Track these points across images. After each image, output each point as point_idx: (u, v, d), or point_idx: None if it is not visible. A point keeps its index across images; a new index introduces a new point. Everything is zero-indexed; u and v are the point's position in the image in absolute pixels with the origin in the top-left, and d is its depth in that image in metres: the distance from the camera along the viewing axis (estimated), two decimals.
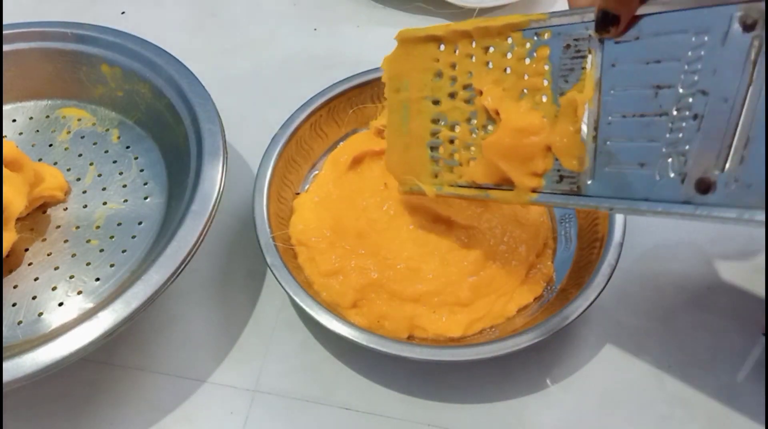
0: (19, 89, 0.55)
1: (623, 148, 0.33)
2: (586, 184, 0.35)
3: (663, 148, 0.32)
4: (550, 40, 0.36)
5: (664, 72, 0.32)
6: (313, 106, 0.51)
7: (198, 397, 0.44)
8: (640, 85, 0.33)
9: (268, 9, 0.69)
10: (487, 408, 0.43)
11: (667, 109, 0.32)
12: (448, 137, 0.41)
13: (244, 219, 0.51)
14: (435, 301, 0.44)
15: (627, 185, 0.33)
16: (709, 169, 0.30)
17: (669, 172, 0.32)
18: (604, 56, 0.34)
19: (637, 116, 0.33)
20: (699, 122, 0.31)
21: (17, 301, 0.45)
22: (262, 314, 0.47)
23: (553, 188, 0.36)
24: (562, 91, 0.35)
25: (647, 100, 0.32)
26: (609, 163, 0.34)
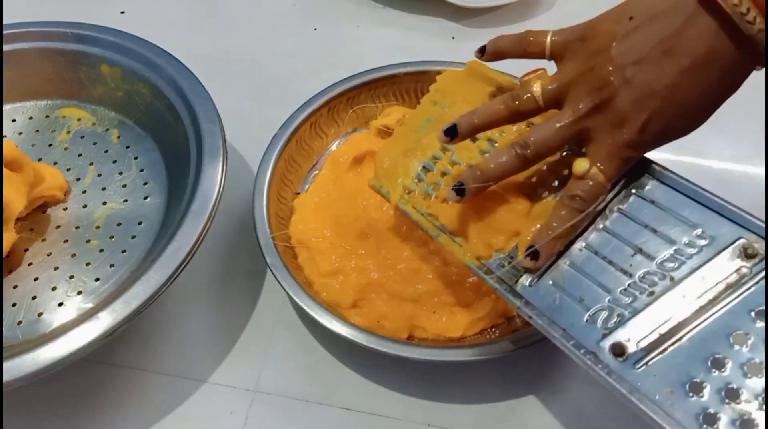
0: (19, 89, 0.54)
1: (575, 277, 0.35)
2: (523, 284, 0.36)
3: (607, 300, 0.33)
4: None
5: (652, 242, 0.34)
6: (313, 106, 0.51)
7: (198, 397, 0.44)
8: (627, 239, 0.34)
9: (268, 9, 0.68)
10: (487, 408, 0.43)
11: (633, 273, 0.33)
12: (443, 169, 0.41)
13: (244, 219, 0.51)
14: (435, 301, 0.44)
15: (556, 308, 0.34)
16: (631, 341, 0.32)
17: (599, 322, 0.33)
18: (617, 196, 0.35)
19: (606, 260, 0.35)
20: (651, 300, 0.32)
21: (17, 301, 0.45)
22: (262, 314, 0.47)
23: (495, 268, 0.37)
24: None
25: (624, 254, 0.34)
26: (554, 279, 0.35)
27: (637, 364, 0.31)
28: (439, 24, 0.66)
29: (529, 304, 0.35)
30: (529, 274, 0.36)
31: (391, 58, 0.54)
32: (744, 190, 0.53)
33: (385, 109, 0.54)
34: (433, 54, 0.54)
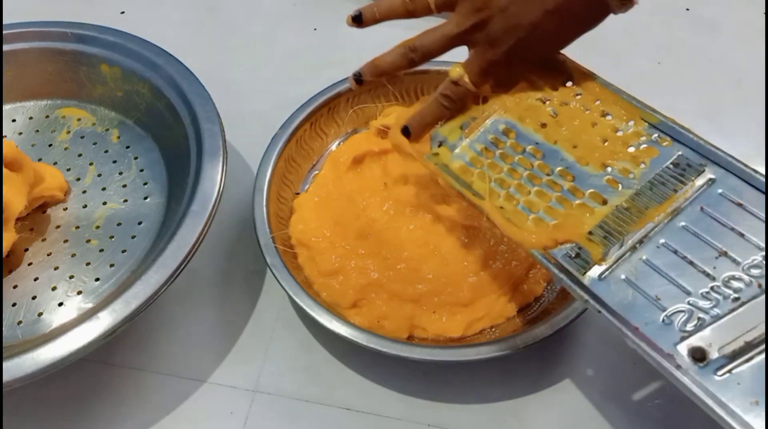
0: (19, 89, 0.54)
1: (651, 274, 0.33)
2: (591, 277, 0.34)
3: (687, 301, 0.32)
4: (665, 148, 0.36)
5: (738, 246, 0.32)
6: (313, 106, 0.51)
7: (198, 397, 0.44)
8: (710, 241, 0.33)
9: (268, 9, 0.68)
10: (487, 408, 0.43)
11: (717, 276, 0.32)
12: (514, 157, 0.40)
13: (244, 219, 0.51)
14: (435, 301, 0.44)
15: (629, 305, 0.32)
16: (713, 346, 0.30)
17: (676, 324, 0.31)
18: (700, 194, 0.34)
19: (686, 260, 0.33)
20: (736, 306, 0.31)
21: (17, 301, 0.45)
22: (262, 314, 0.47)
23: (563, 258, 0.35)
24: (640, 192, 0.35)
25: (706, 255, 0.33)
26: (628, 275, 0.33)
27: (718, 371, 0.29)
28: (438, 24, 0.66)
29: (598, 298, 0.33)
30: (598, 266, 0.34)
31: None
32: None
33: (385, 109, 0.54)
34: None
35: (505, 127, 0.40)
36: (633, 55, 0.63)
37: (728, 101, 0.59)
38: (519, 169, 0.39)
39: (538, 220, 0.37)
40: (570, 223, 0.36)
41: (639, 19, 0.66)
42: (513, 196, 0.38)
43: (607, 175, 0.37)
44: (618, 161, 0.37)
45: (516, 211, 0.37)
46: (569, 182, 0.37)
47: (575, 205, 0.36)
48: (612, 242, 0.34)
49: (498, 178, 0.39)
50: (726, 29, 0.64)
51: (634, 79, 0.61)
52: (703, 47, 0.63)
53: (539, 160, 0.39)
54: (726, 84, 0.60)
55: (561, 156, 0.38)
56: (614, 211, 0.35)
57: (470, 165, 0.40)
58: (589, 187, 0.37)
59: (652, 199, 0.35)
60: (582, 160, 0.38)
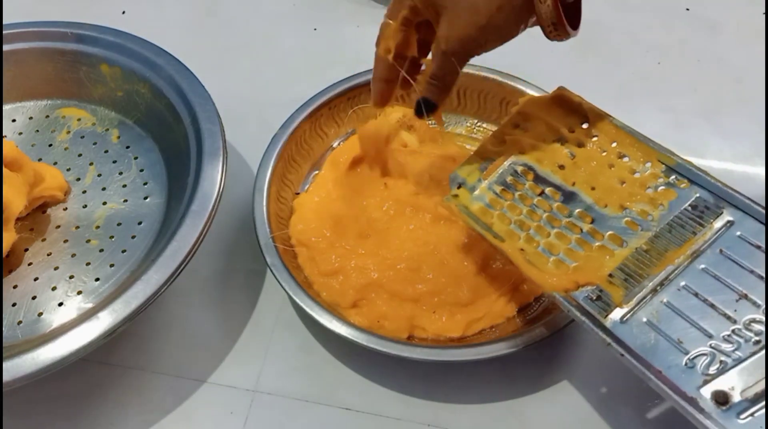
0: (19, 89, 0.54)
1: (673, 317, 0.33)
2: (613, 319, 0.34)
3: (710, 344, 0.32)
4: (683, 190, 0.37)
5: (758, 289, 0.33)
6: (313, 106, 0.51)
7: (198, 397, 0.44)
8: (730, 283, 0.33)
9: (268, 9, 0.68)
10: (487, 408, 0.43)
11: (738, 318, 0.32)
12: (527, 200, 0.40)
13: (244, 219, 0.51)
14: (435, 301, 0.44)
15: (651, 348, 0.33)
16: (735, 389, 0.30)
17: (699, 367, 0.31)
18: (719, 237, 0.35)
19: (707, 303, 0.33)
20: (756, 349, 0.31)
21: (17, 301, 0.45)
22: (262, 314, 0.47)
23: (584, 301, 0.35)
24: (659, 234, 0.36)
25: (727, 298, 0.33)
26: (649, 318, 0.34)
27: (741, 415, 0.30)
28: None
29: (621, 341, 0.33)
30: (620, 309, 0.34)
31: None
32: (744, 190, 0.53)
33: (385, 109, 0.54)
34: None
35: (524, 169, 0.41)
36: (633, 55, 0.63)
37: (728, 101, 0.59)
38: (538, 210, 0.39)
39: (558, 262, 0.37)
40: (590, 266, 0.36)
41: (639, 19, 0.66)
42: (533, 238, 0.39)
43: (626, 217, 0.37)
44: (636, 203, 0.37)
45: (536, 253, 0.38)
46: (588, 224, 0.38)
47: (595, 248, 0.37)
48: (633, 285, 0.35)
49: (518, 219, 0.39)
50: (726, 29, 0.64)
51: (634, 79, 0.61)
52: (703, 47, 0.63)
53: (558, 202, 0.39)
54: (726, 84, 0.60)
55: (579, 198, 0.39)
56: (634, 253, 0.36)
57: (490, 206, 0.40)
58: (608, 229, 0.37)
59: (672, 241, 0.35)
60: (600, 201, 0.38)
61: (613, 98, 0.59)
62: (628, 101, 0.59)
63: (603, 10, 0.66)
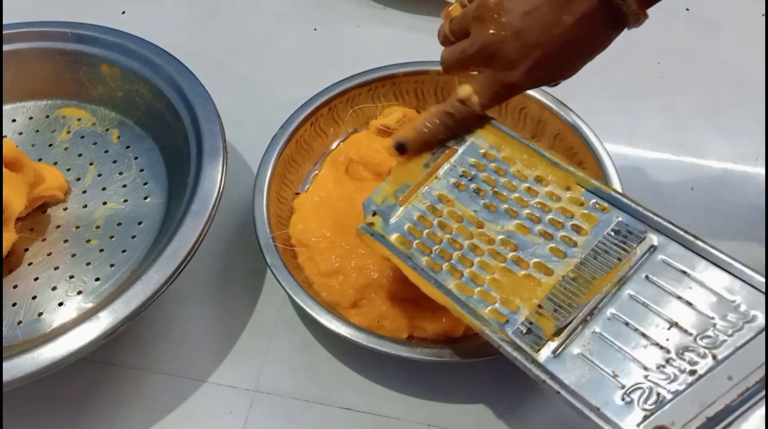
0: (19, 89, 0.54)
1: (606, 348, 0.32)
2: (546, 354, 0.33)
3: (645, 376, 0.31)
4: (604, 214, 0.36)
5: (688, 315, 0.32)
6: (313, 106, 0.51)
7: (198, 397, 0.44)
8: (660, 311, 0.32)
9: (268, 9, 0.68)
10: (486, 408, 0.43)
11: (671, 348, 0.31)
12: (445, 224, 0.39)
13: (244, 219, 0.51)
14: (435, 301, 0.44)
15: (587, 383, 0.32)
16: (676, 425, 0.29)
17: (637, 402, 0.30)
18: (644, 262, 0.34)
19: (638, 332, 0.32)
20: (694, 380, 0.30)
21: (17, 301, 0.45)
22: (262, 314, 0.47)
23: (514, 334, 0.34)
24: (585, 261, 0.35)
25: (658, 327, 0.32)
26: (582, 350, 0.32)
27: None
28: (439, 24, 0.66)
29: (555, 378, 0.32)
30: (551, 342, 0.33)
31: (391, 58, 0.54)
32: (744, 190, 0.53)
33: (385, 109, 0.54)
34: (433, 54, 0.54)
35: (440, 194, 0.39)
36: (633, 55, 0.63)
37: (728, 101, 0.59)
38: (459, 238, 0.38)
39: (484, 292, 0.36)
40: (518, 296, 0.35)
41: None
42: (456, 269, 0.37)
43: (549, 244, 0.36)
44: (559, 229, 0.36)
45: (461, 284, 0.36)
46: (512, 252, 0.37)
47: (521, 277, 0.36)
48: (563, 315, 0.34)
49: (438, 248, 0.38)
50: (726, 29, 0.64)
51: (634, 79, 0.61)
52: (703, 47, 0.63)
53: (479, 229, 0.38)
54: (726, 84, 0.60)
55: (502, 224, 0.38)
56: (561, 281, 0.35)
57: (408, 235, 0.39)
58: (532, 257, 0.36)
59: (598, 268, 0.35)
60: (522, 228, 0.37)
61: (613, 98, 0.59)
62: (628, 101, 0.59)
63: None
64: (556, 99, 0.50)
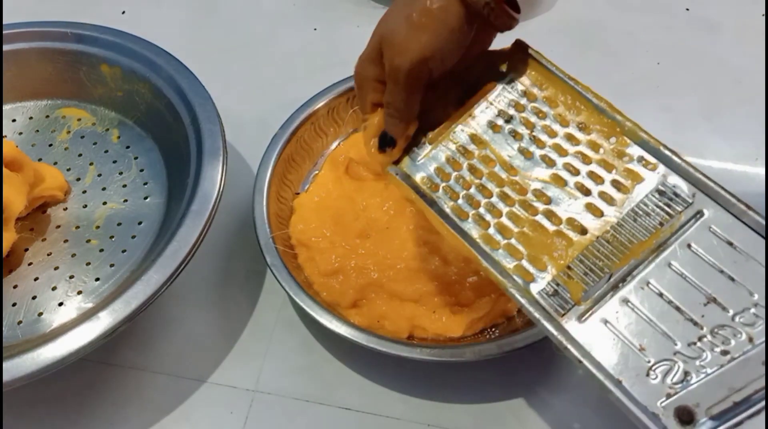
0: (19, 89, 0.54)
1: (636, 319, 0.30)
2: (571, 321, 0.31)
3: (674, 352, 0.29)
4: (650, 172, 0.33)
5: (728, 291, 0.29)
6: (313, 106, 0.51)
7: (198, 397, 0.44)
8: (699, 285, 0.30)
9: (268, 9, 0.68)
10: (487, 408, 0.43)
11: (705, 324, 0.29)
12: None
13: (244, 219, 0.51)
14: (435, 301, 0.44)
15: (612, 355, 0.30)
16: (701, 407, 0.28)
17: (662, 378, 0.29)
18: (688, 229, 0.31)
19: (672, 305, 0.30)
20: (725, 361, 0.28)
21: (17, 301, 0.45)
22: (262, 314, 0.47)
23: (539, 295, 0.32)
24: (622, 222, 0.33)
25: (694, 301, 0.30)
26: (610, 319, 0.31)
27: None
28: None
29: (578, 345, 0.30)
30: (578, 307, 0.31)
31: None
32: (744, 190, 0.53)
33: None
34: None
35: (473, 135, 0.37)
36: (633, 55, 0.63)
37: (728, 101, 0.59)
38: (489, 185, 0.35)
39: (511, 247, 0.34)
40: (548, 254, 0.33)
41: (639, 19, 0.66)
42: (483, 218, 0.35)
43: (586, 200, 0.34)
44: (598, 185, 0.34)
45: (487, 235, 0.34)
46: (545, 205, 0.34)
47: (552, 233, 0.34)
48: (593, 280, 0.32)
49: (466, 194, 0.35)
50: (726, 29, 0.64)
51: (634, 79, 0.61)
52: (703, 47, 0.63)
53: (512, 177, 0.35)
54: (726, 84, 0.60)
55: (536, 173, 0.35)
56: (595, 243, 0.32)
57: (435, 177, 0.37)
58: (567, 213, 0.34)
59: (637, 231, 0.32)
60: (558, 180, 0.35)
61: (613, 98, 0.59)
62: (628, 101, 0.59)
63: (603, 10, 0.66)
64: None
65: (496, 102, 0.37)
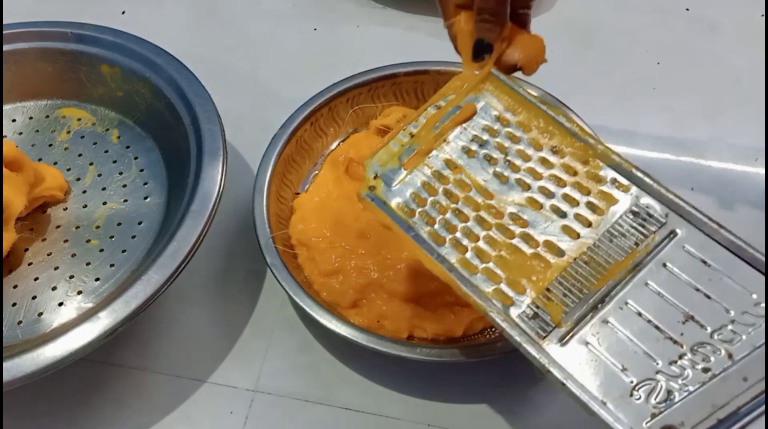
0: (19, 89, 0.54)
1: (616, 339, 0.31)
2: (553, 343, 0.31)
3: (656, 371, 0.30)
4: (623, 194, 0.34)
5: (705, 309, 0.30)
6: (313, 106, 0.51)
7: (198, 397, 0.44)
8: (676, 303, 0.31)
9: (268, 9, 0.68)
10: (487, 408, 0.43)
11: (685, 343, 0.30)
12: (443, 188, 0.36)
13: (244, 219, 0.51)
14: (435, 301, 0.44)
15: (595, 376, 0.30)
16: (685, 426, 0.28)
17: (645, 399, 0.29)
18: (663, 248, 0.32)
19: (651, 324, 0.31)
20: (707, 378, 0.29)
21: (17, 301, 0.45)
22: (262, 314, 0.47)
23: (519, 318, 0.32)
24: (599, 243, 0.33)
25: (672, 319, 0.30)
26: (590, 340, 0.31)
27: None
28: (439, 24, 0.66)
29: (561, 368, 0.30)
30: (559, 329, 0.31)
31: (391, 58, 0.54)
32: (744, 190, 0.53)
33: (385, 109, 0.54)
34: (433, 54, 0.54)
35: (448, 160, 0.37)
36: (633, 55, 0.63)
37: (728, 101, 0.59)
38: (466, 209, 0.36)
39: (489, 270, 0.34)
40: (526, 277, 0.33)
41: (639, 19, 0.66)
42: (460, 243, 0.35)
43: (562, 222, 0.34)
44: (573, 207, 0.34)
45: (465, 260, 0.34)
46: (522, 229, 0.34)
47: (529, 256, 0.34)
48: (573, 301, 0.32)
49: (443, 219, 0.35)
50: (726, 29, 0.64)
51: (634, 79, 0.61)
52: (703, 47, 0.63)
53: (487, 201, 0.35)
54: (726, 84, 0.60)
55: (512, 196, 0.35)
56: (573, 264, 0.33)
57: (411, 203, 0.36)
58: (543, 235, 0.34)
59: (613, 252, 0.32)
60: (534, 203, 0.35)
61: (613, 98, 0.59)
62: (628, 101, 0.59)
63: (603, 10, 0.66)
64: (556, 99, 0.50)
65: (470, 127, 0.38)
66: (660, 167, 0.54)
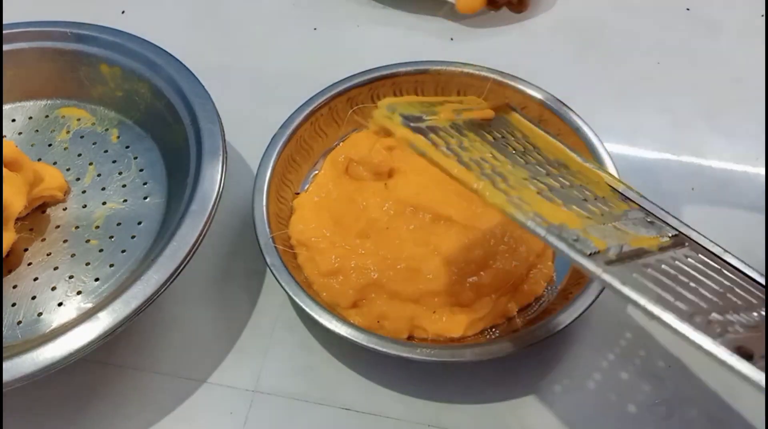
0: (19, 89, 0.54)
1: (661, 278, 0.29)
2: (599, 262, 0.29)
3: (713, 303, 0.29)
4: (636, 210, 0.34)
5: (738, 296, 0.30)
6: (313, 106, 0.51)
7: (198, 397, 0.44)
8: (710, 277, 0.31)
9: (268, 9, 0.68)
10: (487, 408, 0.43)
11: (726, 304, 0.29)
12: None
13: (244, 219, 0.51)
14: (435, 301, 0.44)
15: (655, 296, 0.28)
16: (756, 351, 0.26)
17: (712, 322, 0.27)
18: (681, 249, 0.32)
19: (694, 279, 0.30)
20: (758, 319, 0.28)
21: (17, 301, 0.45)
22: (262, 314, 0.47)
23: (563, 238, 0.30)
24: (623, 225, 0.32)
25: (710, 286, 0.30)
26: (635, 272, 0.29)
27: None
28: (439, 24, 0.66)
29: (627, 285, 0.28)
30: (603, 255, 0.29)
31: (391, 58, 0.54)
32: (744, 190, 0.53)
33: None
34: (433, 54, 0.54)
35: (468, 132, 0.34)
36: (633, 55, 0.63)
37: (728, 101, 0.59)
38: (487, 164, 0.33)
39: (523, 201, 0.31)
40: (558, 218, 0.31)
41: (639, 19, 0.66)
42: (490, 176, 0.31)
43: (581, 201, 0.34)
44: (587, 202, 0.34)
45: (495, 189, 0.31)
46: (544, 191, 0.33)
47: (559, 204, 0.32)
48: (611, 244, 0.30)
49: (471, 157, 0.32)
50: (726, 29, 0.64)
51: (634, 79, 0.61)
52: (703, 47, 0.63)
53: (508, 168, 0.33)
54: (726, 84, 0.60)
55: (528, 171, 0.34)
56: (604, 225, 0.32)
57: (433, 142, 0.32)
58: (567, 200, 0.32)
59: (637, 232, 0.33)
60: (552, 181, 0.34)
61: (613, 98, 0.59)
62: (628, 101, 0.59)
63: (603, 10, 0.66)
64: (556, 99, 0.50)
65: (487, 125, 0.37)
66: (660, 167, 0.54)
